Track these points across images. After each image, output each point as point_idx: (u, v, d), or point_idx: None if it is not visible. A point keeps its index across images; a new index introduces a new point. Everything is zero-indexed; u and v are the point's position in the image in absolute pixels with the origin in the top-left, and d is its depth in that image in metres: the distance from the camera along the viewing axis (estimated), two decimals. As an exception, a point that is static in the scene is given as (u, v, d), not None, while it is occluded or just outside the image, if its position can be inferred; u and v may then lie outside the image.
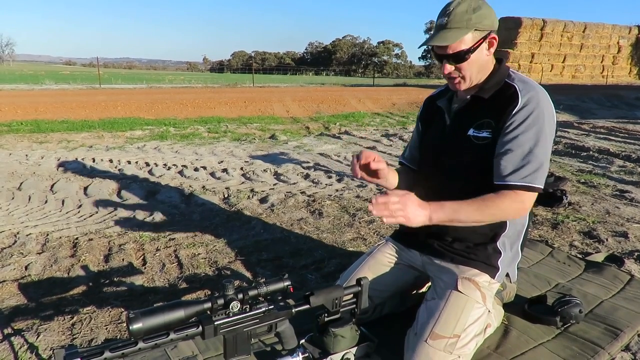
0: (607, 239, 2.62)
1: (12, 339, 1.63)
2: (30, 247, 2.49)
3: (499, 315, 1.64)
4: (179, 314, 1.09)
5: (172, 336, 1.10)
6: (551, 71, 25.81)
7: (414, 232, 1.59)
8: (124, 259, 2.36)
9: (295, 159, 5.11)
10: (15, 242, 2.58)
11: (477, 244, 1.45)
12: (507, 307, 1.72)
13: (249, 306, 1.20)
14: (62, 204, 3.33)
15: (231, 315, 1.17)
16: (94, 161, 4.84)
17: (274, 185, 3.94)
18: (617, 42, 28.04)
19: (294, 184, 3.99)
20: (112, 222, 2.94)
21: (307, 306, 1.30)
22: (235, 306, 1.16)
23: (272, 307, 1.24)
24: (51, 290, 2.03)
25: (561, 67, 26.46)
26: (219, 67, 65.06)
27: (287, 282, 1.24)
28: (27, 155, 5.13)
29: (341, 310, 1.38)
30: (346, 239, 2.69)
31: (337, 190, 3.78)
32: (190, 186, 3.83)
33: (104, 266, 2.29)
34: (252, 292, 1.18)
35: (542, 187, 1.32)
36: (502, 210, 1.31)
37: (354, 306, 1.40)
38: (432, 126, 1.59)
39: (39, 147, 5.69)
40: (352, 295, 1.38)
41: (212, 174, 4.33)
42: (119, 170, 4.45)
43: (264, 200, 3.44)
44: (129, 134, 7.02)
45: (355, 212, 3.16)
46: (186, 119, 8.92)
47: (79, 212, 3.16)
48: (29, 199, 3.43)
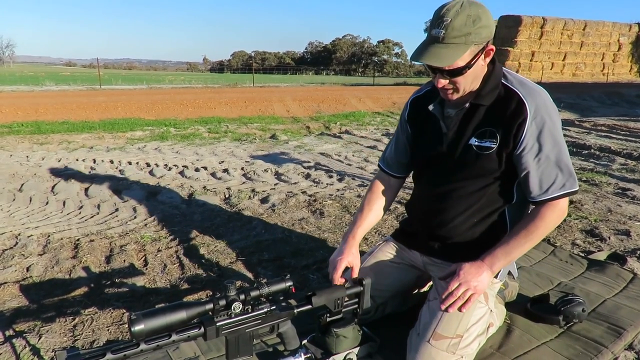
0: (609, 237, 2.62)
1: (14, 340, 1.63)
2: (31, 249, 2.49)
3: (502, 314, 1.64)
4: (181, 315, 1.09)
5: (174, 337, 1.09)
6: (551, 69, 25.75)
7: (414, 233, 1.59)
8: (125, 260, 2.36)
9: (296, 159, 5.10)
10: (16, 243, 2.58)
11: (478, 244, 1.44)
12: (509, 306, 1.72)
13: (250, 307, 1.20)
14: (63, 205, 3.33)
15: (233, 316, 1.17)
16: (94, 162, 4.84)
17: (275, 185, 3.94)
18: (618, 40, 27.97)
19: (295, 183, 3.99)
20: (113, 223, 2.93)
21: (309, 306, 1.30)
22: (237, 307, 1.15)
23: (274, 307, 1.24)
24: (53, 291, 2.03)
25: (561, 65, 26.40)
26: (219, 67, 65.03)
27: (288, 283, 1.24)
28: (27, 156, 5.13)
29: (343, 310, 1.37)
30: (347, 238, 2.68)
31: (338, 189, 3.77)
32: (191, 186, 3.83)
33: (105, 267, 2.29)
34: (253, 293, 1.18)
35: (578, 186, 1.35)
36: (548, 224, 1.33)
37: (356, 306, 1.40)
38: (425, 132, 1.50)
39: (40, 149, 5.69)
40: (354, 295, 1.38)
41: (213, 174, 4.33)
42: (120, 171, 4.45)
43: (265, 200, 3.44)
44: (129, 134, 7.02)
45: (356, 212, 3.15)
46: (186, 120, 8.92)
47: (80, 213, 3.16)
48: (30, 200, 3.43)
